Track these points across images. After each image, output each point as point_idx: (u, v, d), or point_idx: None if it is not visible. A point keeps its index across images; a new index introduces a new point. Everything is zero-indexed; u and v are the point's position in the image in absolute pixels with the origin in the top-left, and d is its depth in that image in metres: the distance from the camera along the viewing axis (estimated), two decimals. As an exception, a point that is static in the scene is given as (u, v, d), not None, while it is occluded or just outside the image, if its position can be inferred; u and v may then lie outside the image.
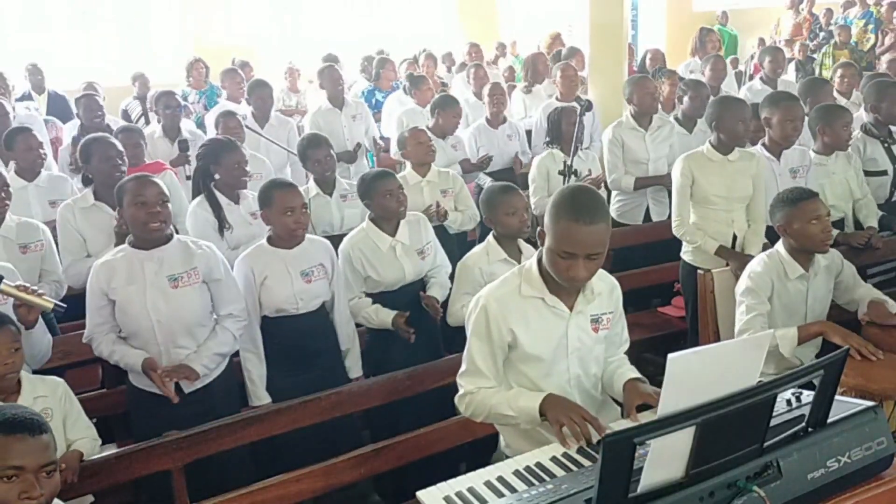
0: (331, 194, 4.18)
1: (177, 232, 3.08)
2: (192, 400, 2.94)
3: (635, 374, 2.23)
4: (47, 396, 2.55)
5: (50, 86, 7.79)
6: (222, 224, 3.64)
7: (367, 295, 3.40)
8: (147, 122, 6.82)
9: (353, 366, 3.33)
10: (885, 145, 4.22)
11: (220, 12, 10.28)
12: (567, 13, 11.12)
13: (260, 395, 3.13)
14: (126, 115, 7.33)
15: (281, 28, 11.01)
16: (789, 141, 3.78)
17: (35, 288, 2.70)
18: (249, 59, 9.14)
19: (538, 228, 2.08)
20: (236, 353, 3.16)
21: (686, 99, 4.92)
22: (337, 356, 3.30)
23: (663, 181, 4.55)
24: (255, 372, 3.13)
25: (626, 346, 2.36)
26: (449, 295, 3.34)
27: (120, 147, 3.78)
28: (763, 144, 3.88)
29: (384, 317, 3.30)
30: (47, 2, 9.92)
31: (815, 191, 3.16)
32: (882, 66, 7.69)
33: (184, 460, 2.62)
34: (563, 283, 2.07)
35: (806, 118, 3.99)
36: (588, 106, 4.15)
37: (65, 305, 2.73)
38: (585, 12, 5.91)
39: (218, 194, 3.72)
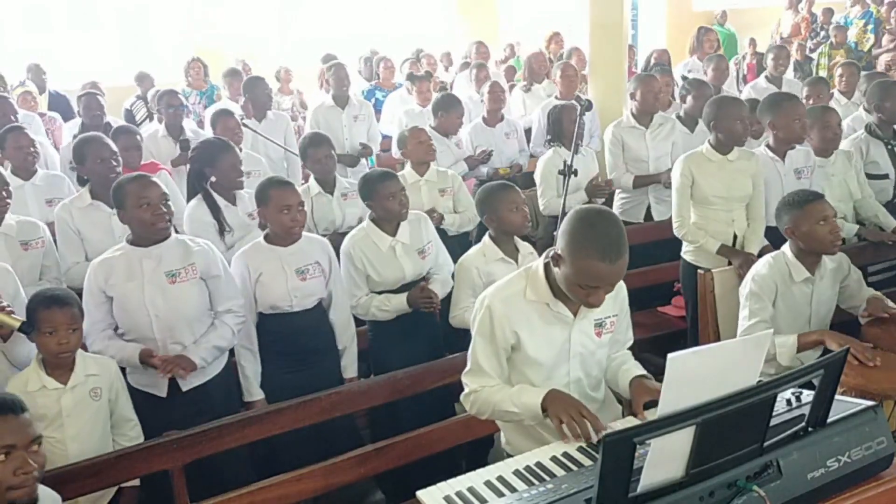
0: (332, 193, 4.19)
1: (175, 232, 3.08)
2: (190, 399, 2.95)
3: (641, 370, 2.22)
4: (99, 375, 2.69)
5: (51, 86, 7.80)
6: (222, 226, 3.62)
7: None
8: (150, 121, 6.81)
9: (349, 366, 3.30)
10: (889, 147, 4.21)
11: (220, 12, 10.28)
12: (567, 13, 11.11)
13: (253, 392, 3.13)
14: (130, 115, 7.32)
15: (281, 28, 11.01)
16: (799, 139, 3.77)
17: (5, 304, 2.68)
18: (249, 59, 9.14)
19: (552, 252, 2.04)
20: (234, 353, 3.16)
21: (689, 98, 4.91)
22: (333, 356, 3.28)
23: (659, 178, 4.57)
24: (250, 368, 3.14)
25: (630, 342, 2.36)
26: (450, 295, 3.33)
27: (114, 147, 3.76)
28: (767, 146, 3.87)
29: (397, 302, 3.28)
30: (48, 2, 9.92)
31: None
32: (880, 65, 7.70)
33: (184, 460, 2.61)
34: (579, 303, 2.07)
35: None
36: (588, 105, 4.15)
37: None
38: (585, 12, 5.91)
39: (216, 196, 3.70)
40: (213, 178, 3.70)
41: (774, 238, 3.79)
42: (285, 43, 10.77)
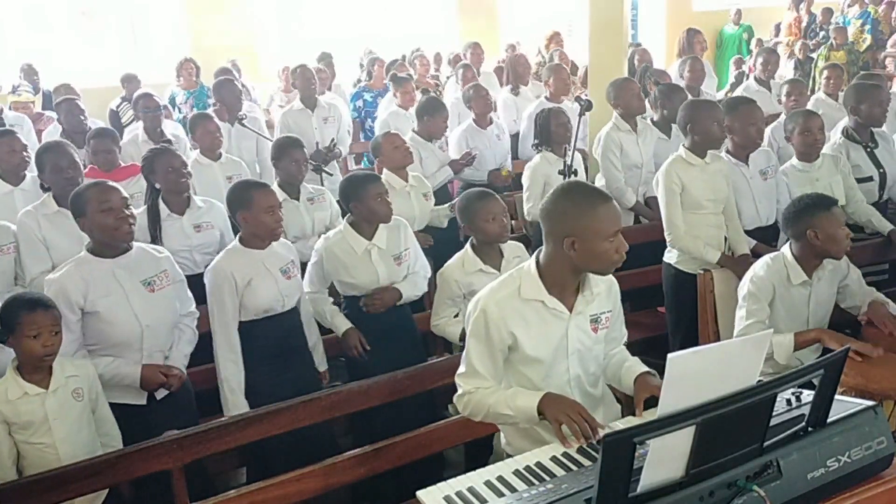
0: (297, 199, 4.09)
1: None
2: (163, 406, 2.95)
3: (644, 367, 2.23)
4: (78, 376, 2.67)
5: (47, 85, 7.79)
6: (154, 239, 3.54)
7: (344, 297, 3.39)
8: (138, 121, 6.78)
9: (321, 361, 3.36)
10: (868, 150, 4.17)
11: (219, 12, 10.28)
12: (567, 13, 11.12)
13: (239, 404, 3.04)
14: (116, 116, 7.28)
15: (280, 27, 11.01)
16: (755, 144, 3.74)
17: None
18: (249, 58, 9.14)
19: (566, 240, 2.03)
20: (194, 364, 3.15)
21: (663, 103, 4.84)
22: (308, 353, 3.31)
23: (653, 216, 4.50)
24: (235, 379, 3.06)
25: (625, 337, 2.37)
26: (430, 299, 3.35)
27: (74, 156, 3.70)
28: (728, 151, 3.82)
29: (339, 323, 3.31)
30: (47, 2, 9.92)
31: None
32: (890, 67, 7.70)
33: (184, 460, 2.61)
34: (609, 269, 2.09)
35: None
36: (588, 106, 4.13)
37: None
38: (585, 12, 5.89)
39: (162, 206, 3.65)
40: (157, 185, 3.66)
41: (764, 237, 3.80)
42: (285, 43, 10.77)
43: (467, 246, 3.19)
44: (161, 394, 2.94)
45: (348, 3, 11.30)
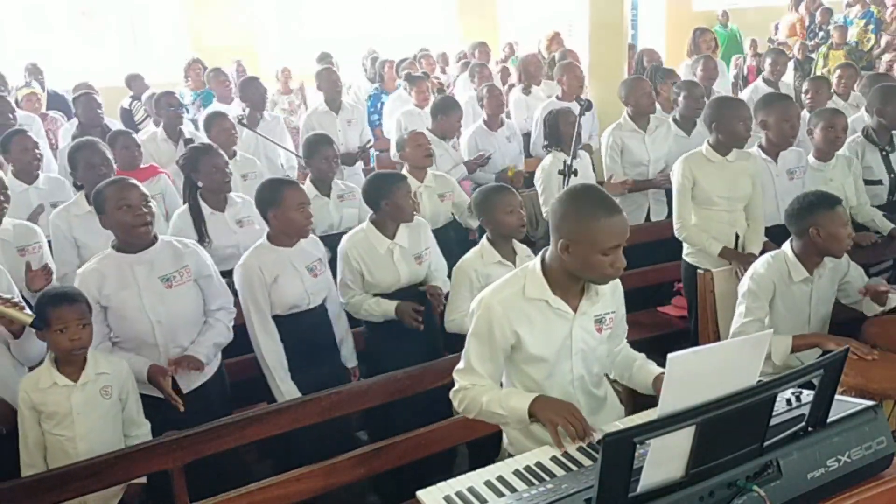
0: (328, 195, 4.17)
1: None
2: (190, 400, 2.94)
3: (657, 368, 2.23)
4: (109, 374, 2.69)
5: (50, 85, 7.80)
6: (202, 236, 3.60)
7: None
8: (156, 124, 6.80)
9: (350, 356, 3.36)
10: (884, 153, 4.18)
11: (219, 12, 10.28)
12: (567, 13, 11.11)
13: (291, 389, 3.07)
14: (128, 114, 7.29)
15: (280, 27, 11.02)
16: (788, 141, 3.75)
17: (17, 300, 2.70)
18: (249, 58, 9.14)
19: (560, 241, 2.02)
20: (228, 355, 3.16)
21: (681, 100, 4.90)
22: (336, 349, 3.33)
23: (654, 184, 4.59)
24: (281, 366, 3.09)
25: (626, 331, 2.38)
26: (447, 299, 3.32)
27: (105, 152, 3.74)
28: (760, 146, 3.85)
29: (386, 307, 3.28)
30: (47, 2, 9.93)
31: None
32: (882, 66, 7.71)
33: (184, 460, 2.61)
34: (602, 280, 2.06)
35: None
36: (588, 106, 4.14)
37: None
38: (585, 12, 5.91)
39: (202, 203, 3.69)
40: (199, 184, 3.70)
41: (776, 236, 3.80)
42: (285, 43, 10.78)
43: (483, 240, 3.22)
44: (188, 387, 2.93)
45: (348, 3, 11.31)
